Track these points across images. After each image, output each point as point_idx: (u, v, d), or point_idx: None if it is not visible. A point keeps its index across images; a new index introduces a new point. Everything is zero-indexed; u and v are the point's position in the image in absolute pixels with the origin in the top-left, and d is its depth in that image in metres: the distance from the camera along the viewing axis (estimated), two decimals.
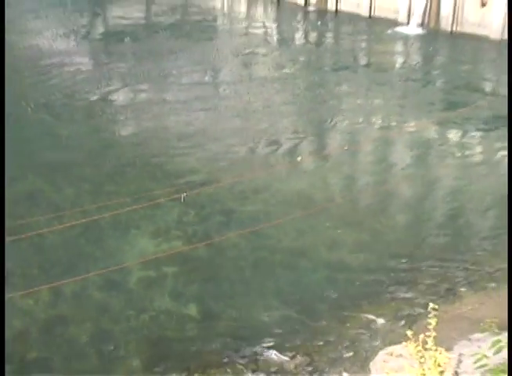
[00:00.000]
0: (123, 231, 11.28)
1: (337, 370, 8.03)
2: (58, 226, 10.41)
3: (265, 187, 13.09)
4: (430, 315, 6.06)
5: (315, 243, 11.13)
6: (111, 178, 13.65)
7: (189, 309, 9.44)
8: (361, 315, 9.06)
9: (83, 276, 9.45)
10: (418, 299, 9.28)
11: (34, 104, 18.16)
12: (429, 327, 5.98)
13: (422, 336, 6.00)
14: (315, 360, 8.26)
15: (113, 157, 14.75)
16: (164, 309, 9.45)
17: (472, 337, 7.44)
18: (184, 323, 9.18)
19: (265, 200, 12.64)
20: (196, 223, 11.82)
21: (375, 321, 8.89)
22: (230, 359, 8.38)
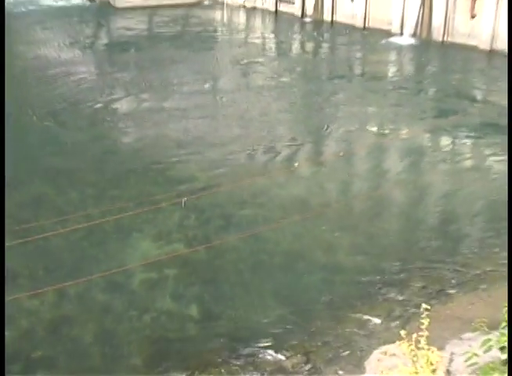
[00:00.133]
0: (125, 234, 11.27)
1: (333, 368, 8.02)
2: (63, 230, 10.43)
3: (263, 192, 13.10)
4: (422, 315, 6.07)
5: (312, 246, 11.13)
6: (114, 184, 13.65)
7: (189, 309, 9.42)
8: (356, 315, 9.05)
9: (87, 278, 9.45)
10: (411, 300, 9.27)
11: (40, 112, 18.18)
12: (422, 326, 5.99)
13: (415, 336, 6.01)
14: (311, 359, 8.23)
15: (115, 162, 14.77)
16: (165, 309, 9.43)
17: (463, 336, 7.44)
18: (184, 323, 9.16)
19: (263, 205, 12.64)
20: (197, 227, 11.81)
21: (370, 321, 8.88)
22: (229, 358, 8.35)
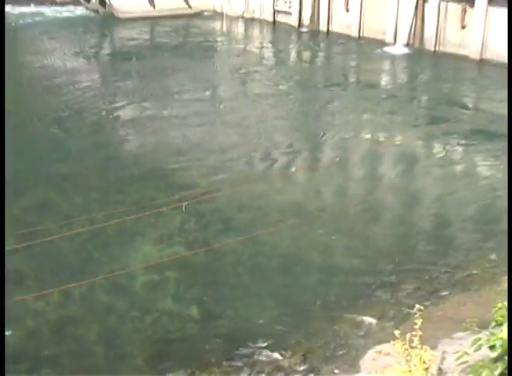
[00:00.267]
0: (128, 238, 11.27)
1: (329, 367, 8.02)
2: (67, 233, 10.46)
3: (261, 197, 13.12)
4: (416, 315, 6.09)
5: (309, 249, 11.13)
6: (117, 189, 13.66)
7: (190, 310, 9.42)
8: (351, 316, 9.06)
9: (91, 280, 9.47)
10: (405, 301, 9.28)
11: (46, 119, 18.20)
12: (415, 326, 6.01)
13: (408, 335, 6.02)
14: (308, 359, 8.24)
15: (118, 168, 14.77)
16: (166, 310, 9.44)
17: (455, 336, 7.44)
18: (185, 323, 9.16)
19: (261, 209, 12.64)
20: (197, 230, 11.81)
21: (365, 322, 8.89)
22: (228, 357, 8.35)
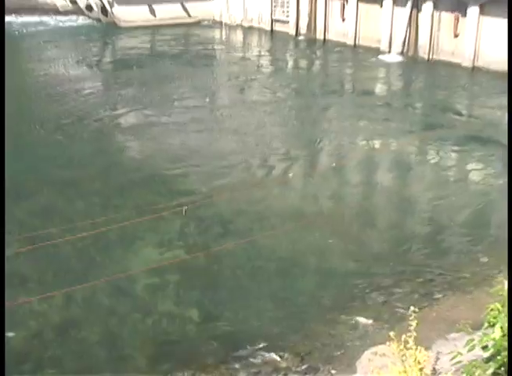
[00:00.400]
0: (129, 241, 11.28)
1: (326, 368, 8.02)
2: (70, 237, 10.49)
3: (259, 201, 13.13)
4: (411, 317, 6.10)
5: (306, 252, 11.13)
6: (118, 194, 13.66)
7: (189, 312, 9.41)
8: (348, 317, 9.06)
9: (93, 283, 9.47)
10: (400, 303, 9.29)
11: (49, 126, 18.21)
12: (410, 328, 6.02)
13: (404, 336, 6.03)
14: (306, 360, 8.23)
15: (119, 174, 14.77)
16: (167, 312, 9.44)
17: (449, 336, 7.46)
18: (185, 325, 9.15)
19: (260, 214, 12.65)
20: (197, 234, 11.82)
21: (361, 323, 8.88)
22: (227, 359, 8.34)
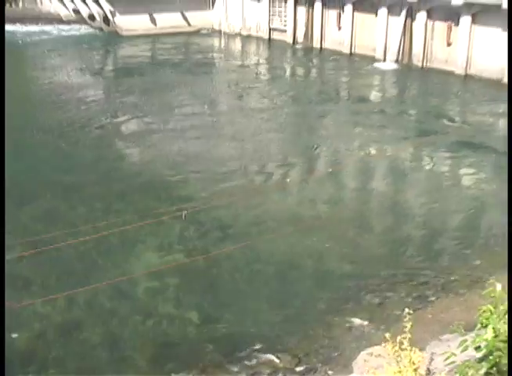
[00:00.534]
0: (130, 245, 11.28)
1: (323, 369, 8.03)
2: (72, 241, 10.49)
3: (258, 206, 13.14)
4: (405, 319, 6.11)
5: (304, 255, 11.13)
6: (119, 198, 13.67)
7: (189, 315, 9.41)
8: (344, 319, 9.07)
9: (95, 286, 9.47)
10: (395, 305, 9.30)
11: (53, 133, 18.25)
12: (405, 329, 6.03)
13: (399, 338, 6.05)
14: (303, 361, 8.24)
15: (121, 179, 14.78)
16: (167, 314, 9.43)
17: (442, 337, 7.46)
18: (185, 327, 9.15)
19: (258, 218, 12.66)
20: (196, 238, 11.83)
21: (357, 324, 8.90)
22: (226, 360, 8.34)
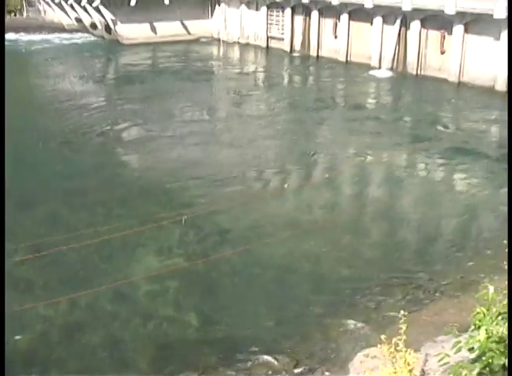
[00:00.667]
0: (131, 249, 11.29)
1: (320, 370, 8.03)
2: (74, 245, 10.50)
3: (256, 211, 13.15)
4: (401, 321, 6.12)
5: (301, 259, 11.14)
6: (120, 203, 13.69)
7: (189, 317, 9.41)
8: (341, 321, 9.07)
9: (96, 289, 9.48)
10: (390, 307, 9.29)
11: (55, 139, 18.31)
12: (400, 331, 6.04)
13: (394, 339, 6.05)
14: (300, 362, 8.23)
15: (122, 184, 14.81)
16: (167, 317, 9.43)
17: (437, 339, 7.47)
18: (184, 329, 9.15)
19: (256, 223, 12.66)
20: (196, 243, 11.84)
21: (353, 327, 8.90)
22: (225, 361, 8.34)
